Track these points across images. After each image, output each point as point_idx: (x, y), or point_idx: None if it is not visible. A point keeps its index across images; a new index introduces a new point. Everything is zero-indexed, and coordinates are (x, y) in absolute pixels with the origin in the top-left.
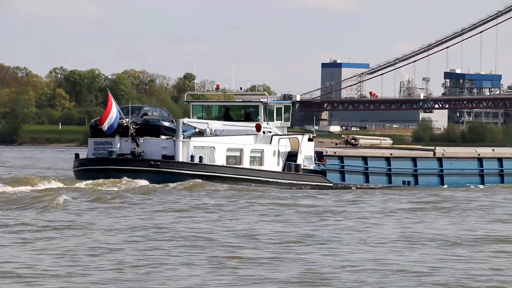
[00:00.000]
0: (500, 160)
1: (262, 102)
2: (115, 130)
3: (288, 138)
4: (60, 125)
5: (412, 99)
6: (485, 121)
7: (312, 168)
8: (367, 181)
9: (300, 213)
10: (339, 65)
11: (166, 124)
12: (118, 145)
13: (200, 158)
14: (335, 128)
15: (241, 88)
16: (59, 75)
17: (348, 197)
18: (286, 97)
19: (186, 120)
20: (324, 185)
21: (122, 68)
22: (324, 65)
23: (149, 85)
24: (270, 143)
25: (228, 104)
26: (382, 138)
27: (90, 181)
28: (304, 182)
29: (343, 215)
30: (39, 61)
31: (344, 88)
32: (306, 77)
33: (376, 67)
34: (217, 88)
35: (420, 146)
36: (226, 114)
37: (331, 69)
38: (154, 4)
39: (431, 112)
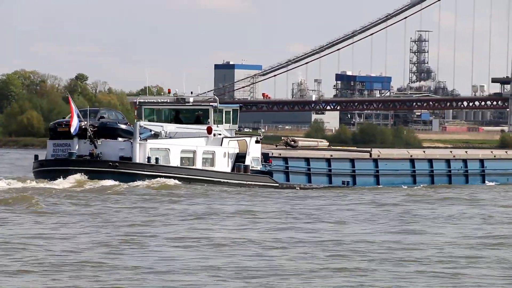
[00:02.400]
0: (430, 161)
1: (212, 105)
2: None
3: (237, 140)
4: None
5: (304, 100)
6: (376, 122)
7: (259, 169)
8: (309, 181)
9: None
10: (232, 67)
11: (123, 126)
12: (77, 147)
13: (156, 159)
14: None
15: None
16: None
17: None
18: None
19: (142, 123)
20: (271, 185)
21: (12, 68)
22: (217, 66)
23: (40, 86)
24: (221, 145)
25: (179, 107)
26: (319, 140)
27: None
28: (253, 182)
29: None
30: None
31: (237, 89)
32: (199, 78)
33: (269, 69)
34: (169, 92)
35: (356, 148)
36: (177, 117)
37: (224, 70)
38: (46, 3)
39: (323, 113)
